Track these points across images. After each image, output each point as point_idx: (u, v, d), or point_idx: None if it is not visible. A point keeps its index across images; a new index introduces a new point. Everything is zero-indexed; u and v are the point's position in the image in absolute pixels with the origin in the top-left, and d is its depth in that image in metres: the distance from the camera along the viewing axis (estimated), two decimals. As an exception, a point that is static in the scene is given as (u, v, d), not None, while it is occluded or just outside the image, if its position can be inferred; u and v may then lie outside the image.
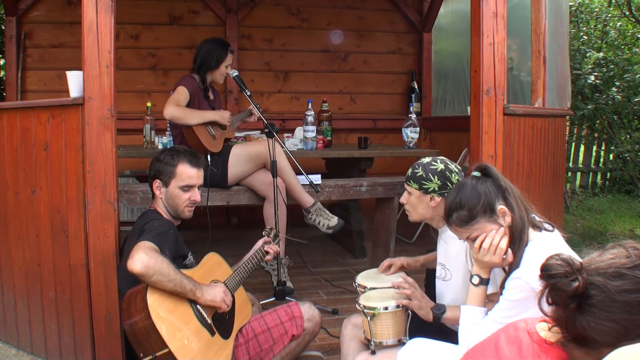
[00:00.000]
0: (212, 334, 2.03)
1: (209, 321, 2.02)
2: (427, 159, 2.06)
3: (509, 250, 1.69)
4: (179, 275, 1.92)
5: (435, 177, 1.99)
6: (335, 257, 4.24)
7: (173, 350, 1.83)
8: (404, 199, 2.09)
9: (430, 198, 2.00)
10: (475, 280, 1.75)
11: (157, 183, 2.33)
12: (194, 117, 3.15)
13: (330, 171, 4.47)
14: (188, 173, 2.30)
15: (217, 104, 3.50)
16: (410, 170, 2.06)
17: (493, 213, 1.70)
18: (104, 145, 2.41)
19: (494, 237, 1.69)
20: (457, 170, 2.03)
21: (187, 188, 2.30)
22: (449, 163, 2.04)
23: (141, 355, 1.86)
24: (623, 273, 1.12)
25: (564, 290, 1.15)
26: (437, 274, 2.11)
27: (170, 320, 1.87)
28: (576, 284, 1.14)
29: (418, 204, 2.04)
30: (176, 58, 4.84)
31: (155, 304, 1.85)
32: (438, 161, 2.04)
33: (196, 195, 2.33)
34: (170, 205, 2.31)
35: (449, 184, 1.98)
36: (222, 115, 3.30)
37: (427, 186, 1.99)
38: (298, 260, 3.68)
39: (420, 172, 2.01)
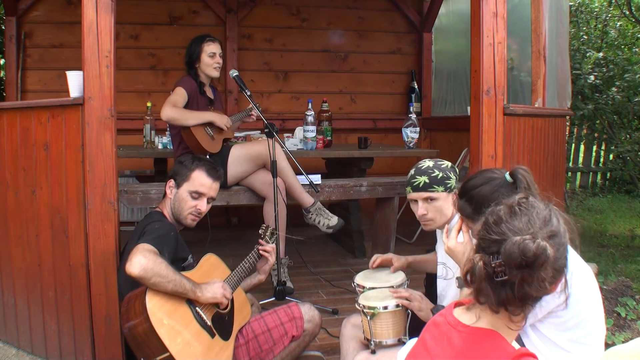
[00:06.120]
0: (212, 335, 2.02)
1: (209, 323, 2.02)
2: (428, 163, 2.06)
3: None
4: (178, 276, 1.91)
5: (451, 173, 2.05)
6: (335, 257, 4.23)
7: (174, 354, 1.82)
8: (423, 209, 2.02)
9: (454, 194, 2.01)
10: (460, 282, 1.75)
11: (170, 183, 2.35)
12: (191, 118, 3.13)
13: (330, 171, 4.46)
14: (201, 180, 2.31)
15: (217, 103, 3.48)
16: (426, 178, 2.00)
17: (478, 219, 1.68)
18: (104, 145, 2.41)
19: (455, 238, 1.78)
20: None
21: (196, 195, 2.31)
22: (444, 160, 2.12)
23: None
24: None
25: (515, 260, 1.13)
26: (439, 273, 2.12)
27: (170, 323, 1.87)
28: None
29: (444, 206, 2.02)
30: (176, 58, 4.81)
31: (155, 307, 1.85)
32: (441, 160, 2.09)
33: (202, 205, 2.32)
34: (176, 208, 2.32)
35: (457, 176, 2.07)
36: (220, 118, 3.25)
37: (450, 184, 2.03)
38: (298, 260, 3.67)
39: (439, 174, 2.02)
